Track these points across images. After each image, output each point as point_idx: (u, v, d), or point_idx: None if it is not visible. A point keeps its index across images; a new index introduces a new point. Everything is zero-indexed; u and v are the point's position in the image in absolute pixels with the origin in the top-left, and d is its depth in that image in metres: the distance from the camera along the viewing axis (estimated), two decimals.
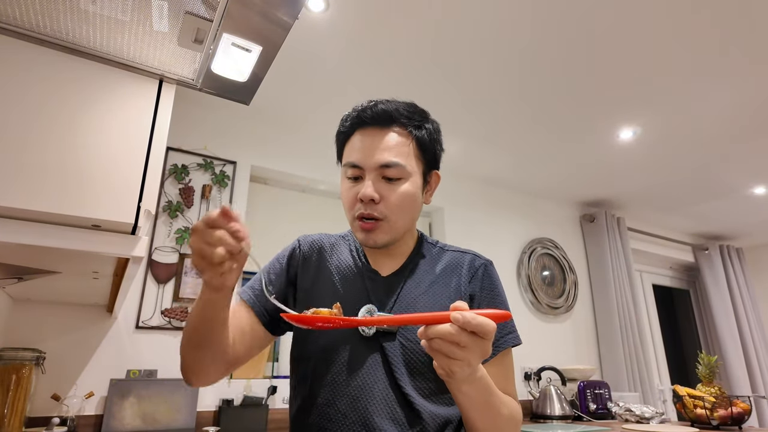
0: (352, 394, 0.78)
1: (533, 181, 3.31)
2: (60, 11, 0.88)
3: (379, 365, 0.79)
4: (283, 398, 2.18)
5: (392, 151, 0.83)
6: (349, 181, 0.86)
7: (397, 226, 0.84)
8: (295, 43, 1.90)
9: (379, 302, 0.84)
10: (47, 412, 1.73)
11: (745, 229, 4.25)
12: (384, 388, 0.78)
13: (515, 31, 1.85)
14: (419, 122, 0.87)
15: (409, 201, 0.84)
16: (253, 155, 2.45)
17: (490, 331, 0.57)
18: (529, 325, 3.18)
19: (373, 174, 0.82)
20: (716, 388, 2.06)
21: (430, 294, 0.85)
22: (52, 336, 1.84)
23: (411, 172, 0.84)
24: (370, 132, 0.85)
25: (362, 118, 0.85)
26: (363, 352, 0.80)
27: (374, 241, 0.84)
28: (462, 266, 0.90)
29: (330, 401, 0.79)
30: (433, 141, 0.89)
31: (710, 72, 2.10)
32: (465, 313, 0.56)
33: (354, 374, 0.79)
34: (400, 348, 0.80)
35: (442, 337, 0.57)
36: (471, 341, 0.57)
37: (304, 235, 0.98)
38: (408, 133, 0.85)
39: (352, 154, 0.85)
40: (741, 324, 4.06)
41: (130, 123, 0.99)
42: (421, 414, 0.77)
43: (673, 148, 2.80)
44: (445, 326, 0.56)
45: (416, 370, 0.79)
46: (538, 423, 2.55)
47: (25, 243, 0.88)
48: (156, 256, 2.10)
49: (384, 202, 0.82)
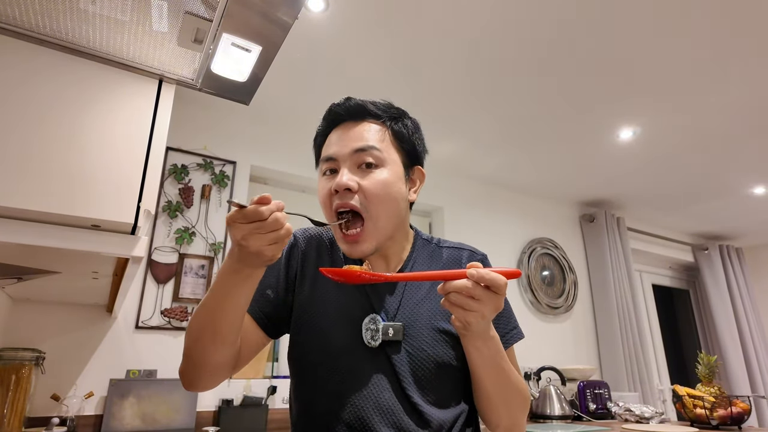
0: (357, 404, 0.76)
1: (533, 181, 3.31)
2: (60, 11, 0.88)
3: (386, 375, 0.77)
4: (282, 398, 2.18)
5: (366, 138, 0.81)
6: (324, 177, 0.83)
7: (379, 225, 0.79)
8: (294, 43, 1.90)
9: (384, 310, 0.82)
10: (47, 412, 1.73)
11: (745, 229, 4.25)
12: (390, 398, 0.76)
13: (515, 30, 1.85)
14: (395, 115, 0.86)
15: (388, 190, 0.79)
16: (253, 155, 2.45)
17: (503, 285, 0.63)
18: (529, 325, 3.18)
19: (348, 162, 0.80)
20: (716, 387, 2.06)
21: (432, 296, 0.84)
22: (51, 336, 1.84)
23: (387, 159, 0.81)
24: (345, 126, 0.84)
25: (336, 113, 0.85)
26: (369, 362, 0.78)
27: (361, 252, 0.79)
28: (460, 262, 0.89)
29: (333, 410, 0.77)
30: (411, 134, 0.87)
31: (710, 72, 2.10)
32: (480, 270, 0.63)
33: (359, 384, 0.77)
34: (407, 357, 0.78)
35: (459, 291, 0.63)
36: (485, 295, 0.63)
37: (301, 229, 0.91)
38: (382, 123, 0.84)
39: (328, 149, 0.83)
40: (741, 324, 4.06)
41: (129, 123, 0.99)
42: (431, 422, 0.75)
43: (673, 147, 2.80)
44: (462, 281, 0.63)
45: (424, 379, 0.78)
46: (537, 423, 2.55)
47: (25, 243, 0.88)
48: (155, 256, 2.10)
49: (361, 191, 0.78)
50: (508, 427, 0.80)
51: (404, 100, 2.53)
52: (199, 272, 2.16)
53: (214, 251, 2.22)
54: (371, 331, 0.79)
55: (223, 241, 2.25)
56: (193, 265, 2.16)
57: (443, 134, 2.67)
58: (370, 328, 0.79)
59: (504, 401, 0.78)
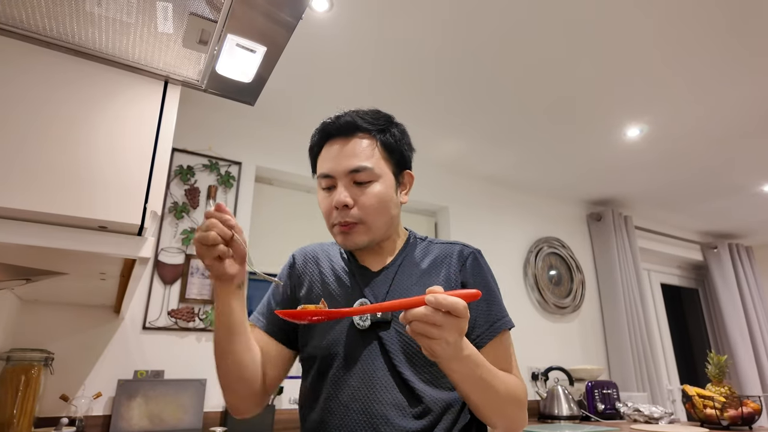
0: (353, 385, 0.81)
1: (539, 180, 3.30)
2: (66, 14, 0.88)
3: (378, 355, 0.82)
4: (289, 398, 2.18)
5: (359, 156, 0.88)
6: (323, 191, 0.91)
7: (374, 227, 0.88)
8: (299, 44, 1.90)
9: (373, 296, 0.88)
10: (56, 413, 1.74)
11: (755, 227, 4.21)
12: (384, 376, 0.81)
13: (520, 30, 1.84)
14: (383, 126, 0.92)
15: (381, 201, 0.88)
16: (258, 156, 2.45)
17: (462, 309, 0.61)
18: (536, 324, 3.17)
19: (344, 180, 0.87)
20: (726, 387, 2.04)
21: (422, 284, 0.88)
22: (60, 337, 1.85)
23: (380, 173, 0.88)
24: (337, 142, 0.90)
25: (328, 131, 0.91)
26: (361, 344, 0.84)
27: (354, 243, 0.88)
28: (452, 256, 0.92)
29: (332, 395, 0.82)
30: (399, 142, 0.93)
31: (718, 69, 2.08)
32: (437, 295, 0.61)
33: (354, 366, 0.82)
34: (397, 336, 0.83)
35: (419, 319, 0.61)
36: (445, 320, 0.61)
37: (299, 248, 1.03)
38: (372, 137, 0.90)
39: (324, 165, 0.90)
40: (751, 323, 4.02)
41: (136, 124, 0.99)
42: (423, 398, 0.80)
43: (681, 145, 2.78)
44: (421, 308, 0.61)
45: (415, 356, 0.82)
46: (545, 423, 2.54)
47: (33, 244, 0.88)
48: (162, 257, 2.10)
49: (357, 205, 0.86)
50: (507, 427, 0.81)
51: (410, 99, 2.52)
52: (205, 273, 2.17)
53: None
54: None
55: None
56: (200, 266, 2.17)
57: (448, 133, 2.66)
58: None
59: (494, 410, 0.78)
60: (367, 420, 0.78)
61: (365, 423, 0.78)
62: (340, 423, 0.79)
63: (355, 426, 0.78)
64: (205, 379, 2.01)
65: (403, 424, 0.77)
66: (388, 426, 0.77)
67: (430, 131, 2.62)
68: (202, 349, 2.09)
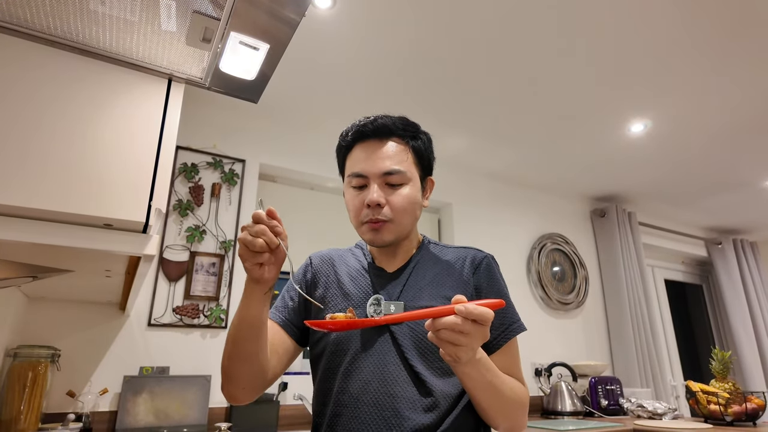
0: (364, 378, 0.83)
1: (543, 176, 3.29)
2: (70, 12, 0.89)
3: (390, 348, 0.85)
4: (293, 394, 2.20)
5: (393, 159, 0.91)
6: (354, 189, 0.93)
7: (402, 226, 0.91)
8: (302, 41, 1.90)
9: (387, 293, 0.91)
10: (63, 409, 1.76)
11: (759, 223, 4.19)
12: (396, 369, 0.83)
13: (522, 27, 1.83)
14: (414, 133, 0.96)
15: (411, 203, 0.92)
16: (262, 153, 2.46)
17: (490, 318, 0.64)
18: (540, 321, 3.17)
19: (377, 181, 0.90)
20: (730, 383, 2.04)
21: (435, 284, 0.91)
22: (66, 333, 1.87)
23: (411, 177, 0.92)
24: (371, 144, 0.93)
25: (363, 132, 0.93)
26: (372, 337, 0.86)
27: (382, 240, 0.91)
28: (465, 260, 0.96)
29: (343, 388, 0.84)
30: (427, 149, 0.98)
31: (721, 64, 2.07)
32: (467, 305, 0.63)
33: (365, 360, 0.84)
34: (408, 330, 0.86)
35: (448, 328, 0.63)
36: (473, 329, 0.64)
37: (315, 252, 1.06)
38: (405, 143, 0.94)
39: (357, 165, 0.92)
40: (755, 319, 4.00)
41: (140, 122, 1.00)
42: (433, 392, 0.82)
43: (685, 141, 2.76)
44: (451, 318, 0.63)
45: (426, 350, 0.84)
46: (549, 419, 2.54)
47: (40, 242, 0.89)
48: (167, 254, 2.12)
49: (389, 205, 0.90)
50: (509, 428, 0.84)
51: (414, 96, 2.52)
52: (210, 270, 2.18)
53: (224, 249, 2.23)
54: (374, 306, 0.89)
55: (233, 239, 2.26)
56: (204, 263, 2.18)
57: (451, 130, 2.66)
58: (373, 304, 0.90)
59: (500, 412, 0.82)
60: (378, 413, 0.80)
61: (376, 416, 0.80)
62: (352, 415, 0.81)
63: (367, 418, 0.80)
64: (210, 375, 2.02)
65: (413, 417, 0.79)
66: (398, 419, 0.79)
67: (432, 128, 2.59)
68: (206, 345, 2.10)
